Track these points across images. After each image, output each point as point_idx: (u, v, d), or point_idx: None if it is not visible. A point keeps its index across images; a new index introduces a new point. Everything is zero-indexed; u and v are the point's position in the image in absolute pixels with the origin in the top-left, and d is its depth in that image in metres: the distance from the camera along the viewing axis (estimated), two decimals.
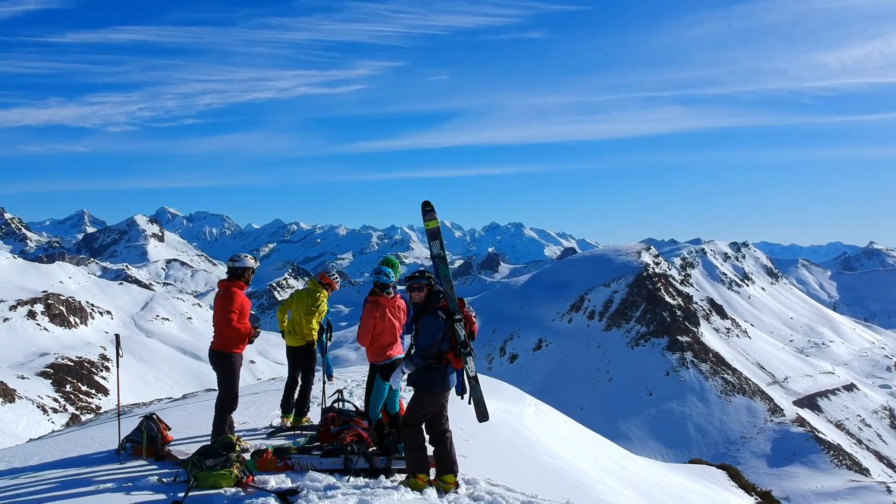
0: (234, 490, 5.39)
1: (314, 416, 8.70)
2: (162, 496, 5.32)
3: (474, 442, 8.57)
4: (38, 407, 50.11)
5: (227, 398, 6.61)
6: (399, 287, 6.92)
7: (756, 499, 17.11)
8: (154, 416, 6.91)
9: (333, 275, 8.47)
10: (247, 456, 6.33)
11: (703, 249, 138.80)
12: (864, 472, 70.10)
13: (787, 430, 74.08)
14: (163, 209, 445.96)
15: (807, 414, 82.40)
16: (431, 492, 5.85)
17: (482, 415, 6.41)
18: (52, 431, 19.71)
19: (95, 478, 6.07)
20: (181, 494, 4.90)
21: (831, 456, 69.98)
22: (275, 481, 5.75)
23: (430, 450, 6.23)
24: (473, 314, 6.23)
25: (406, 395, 7.87)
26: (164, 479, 5.83)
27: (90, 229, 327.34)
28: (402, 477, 6.20)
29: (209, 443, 6.14)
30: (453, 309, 6.05)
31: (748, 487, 17.60)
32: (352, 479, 6.00)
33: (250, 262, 6.79)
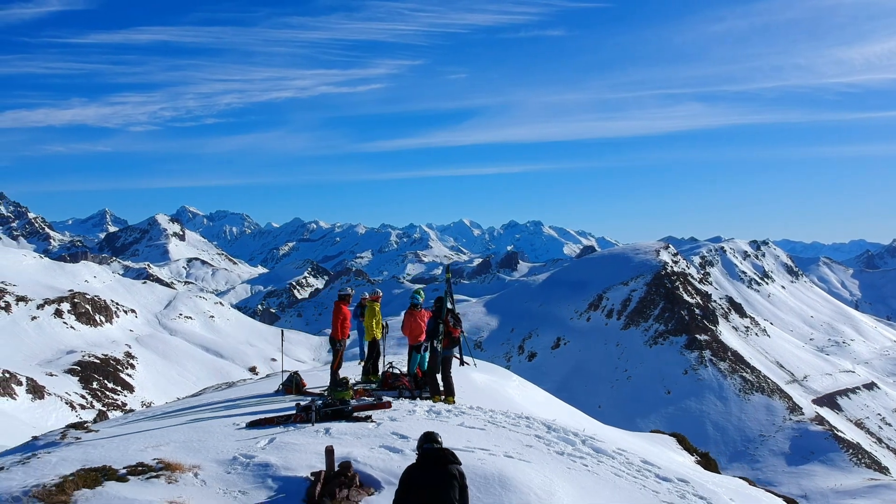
0: (352, 400, 12.27)
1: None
2: (319, 402, 12.22)
3: (468, 397, 15.32)
4: (67, 403, 54.25)
5: (337, 363, 13.50)
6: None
7: (696, 457, 23.57)
8: (297, 373, 13.92)
9: (378, 293, 15.32)
10: None
11: (722, 248, 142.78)
12: (884, 470, 72.75)
13: (806, 428, 76.80)
14: (183, 208, 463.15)
15: (826, 412, 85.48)
16: (441, 403, 12.73)
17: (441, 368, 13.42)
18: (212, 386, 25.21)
19: (276, 399, 13.02)
20: (329, 399, 11.70)
21: (850, 454, 72.68)
22: (366, 398, 12.68)
23: (441, 386, 13.14)
24: (453, 323, 13.16)
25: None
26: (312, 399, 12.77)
27: (112, 228, 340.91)
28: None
29: (334, 380, 13.12)
30: (442, 318, 12.98)
31: (691, 450, 24.06)
32: (402, 399, 12.93)
33: (349, 291, 13.76)
